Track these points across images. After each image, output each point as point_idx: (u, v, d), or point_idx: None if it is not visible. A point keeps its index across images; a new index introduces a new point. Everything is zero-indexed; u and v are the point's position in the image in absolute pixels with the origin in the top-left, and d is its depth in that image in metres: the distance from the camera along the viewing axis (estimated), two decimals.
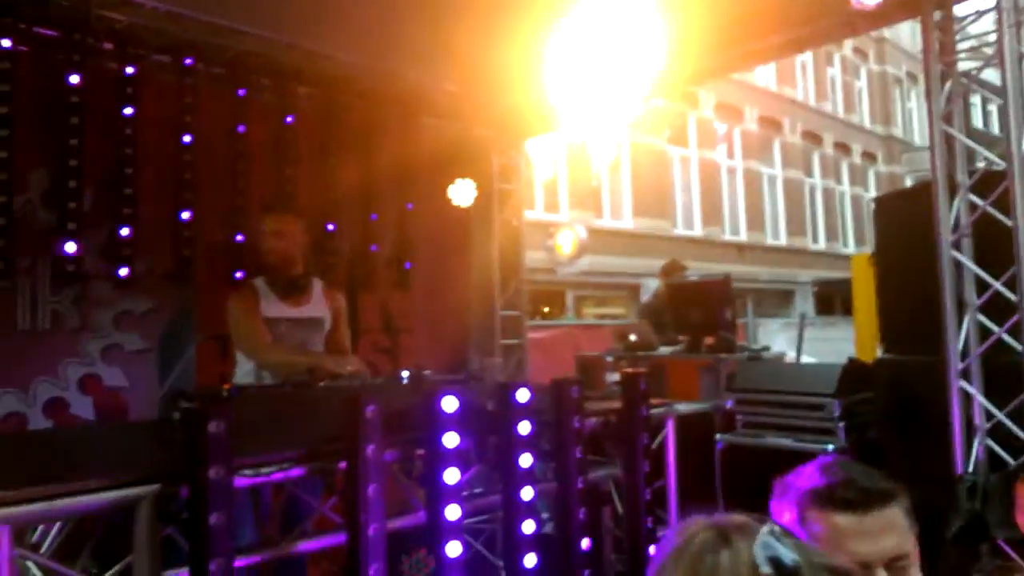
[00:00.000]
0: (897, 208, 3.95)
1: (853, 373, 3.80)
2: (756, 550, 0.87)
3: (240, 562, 1.76)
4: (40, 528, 1.85)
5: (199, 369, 3.94)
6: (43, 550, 1.76)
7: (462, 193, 5.00)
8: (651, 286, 14.34)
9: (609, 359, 4.74)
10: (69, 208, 3.38)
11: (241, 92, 3.99)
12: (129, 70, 3.55)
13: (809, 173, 19.28)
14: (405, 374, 3.07)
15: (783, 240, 18.06)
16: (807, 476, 1.22)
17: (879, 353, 3.96)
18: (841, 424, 3.63)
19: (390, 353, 4.89)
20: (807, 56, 18.57)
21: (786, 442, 3.73)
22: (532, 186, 12.42)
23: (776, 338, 9.87)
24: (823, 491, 1.18)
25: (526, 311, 5.70)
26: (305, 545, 2.04)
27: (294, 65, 4.22)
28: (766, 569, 0.85)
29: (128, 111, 3.53)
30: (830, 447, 3.53)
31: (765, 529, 0.90)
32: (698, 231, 15.84)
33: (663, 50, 3.20)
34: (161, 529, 1.70)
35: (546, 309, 13.58)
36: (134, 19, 3.59)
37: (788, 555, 0.87)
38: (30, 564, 1.67)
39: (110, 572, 1.72)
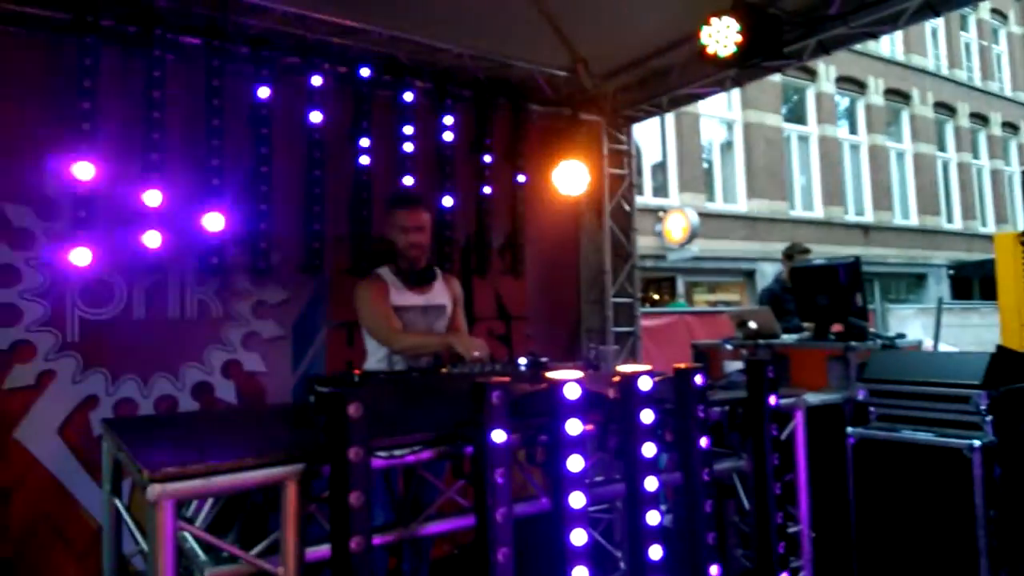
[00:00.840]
0: None
1: (1003, 362, 3.50)
2: None
3: (376, 540, 1.84)
4: (193, 504, 2.01)
5: (328, 355, 4.16)
6: (196, 524, 1.91)
7: (572, 179, 4.98)
8: (767, 271, 13.78)
9: (728, 347, 4.58)
10: (211, 204, 3.63)
11: (363, 88, 4.15)
12: (261, 72, 3.75)
13: (942, 147, 17.82)
14: (523, 361, 3.10)
15: (913, 220, 16.81)
16: None
17: None
18: (989, 418, 3.35)
19: (505, 340, 4.97)
20: (938, 21, 17.13)
21: (926, 437, 3.49)
22: (640, 170, 12.19)
23: (908, 325, 9.22)
24: None
25: (639, 298, 5.61)
26: (434, 527, 2.10)
27: (410, 59, 4.34)
28: None
29: (263, 112, 3.74)
30: (976, 442, 3.27)
31: None
32: (819, 212, 15.02)
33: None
34: (304, 507, 1.81)
35: (656, 296, 13.33)
36: (266, 23, 3.80)
37: None
38: (187, 536, 1.82)
39: (258, 547, 1.84)
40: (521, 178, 4.89)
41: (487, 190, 4.72)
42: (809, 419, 3.01)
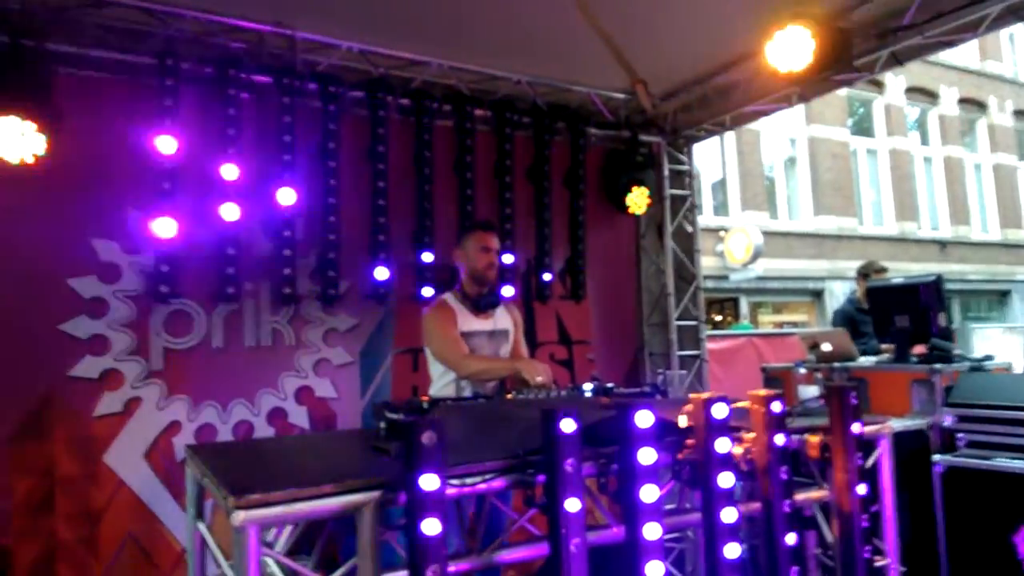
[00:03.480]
0: None
1: None
2: None
3: (450, 568, 1.83)
4: (273, 529, 2.05)
5: (394, 380, 4.23)
6: (277, 548, 1.94)
7: (633, 201, 4.95)
8: (836, 290, 13.32)
9: (802, 371, 4.42)
10: (285, 236, 3.77)
11: (425, 119, 4.23)
12: (331, 107, 3.88)
13: (1023, 157, 16.96)
14: (588, 386, 3.07)
15: (994, 234, 15.99)
16: None
17: None
18: None
19: (567, 364, 4.94)
20: (1016, 25, 16.40)
21: (1021, 465, 3.29)
22: (700, 189, 12.01)
23: (994, 345, 8.74)
24: None
25: (704, 320, 5.50)
26: (507, 555, 2.09)
27: (471, 88, 4.42)
28: None
29: (331, 145, 3.86)
30: None
31: None
32: (891, 228, 14.47)
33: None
34: (381, 534, 1.82)
35: (718, 317, 13.03)
36: (332, 60, 3.93)
37: None
38: (269, 560, 1.85)
39: (336, 573, 1.86)
40: (580, 202, 4.88)
41: (547, 215, 4.72)
42: (893, 446, 2.87)
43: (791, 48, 3.45)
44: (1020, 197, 16.63)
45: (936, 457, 3.58)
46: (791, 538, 2.25)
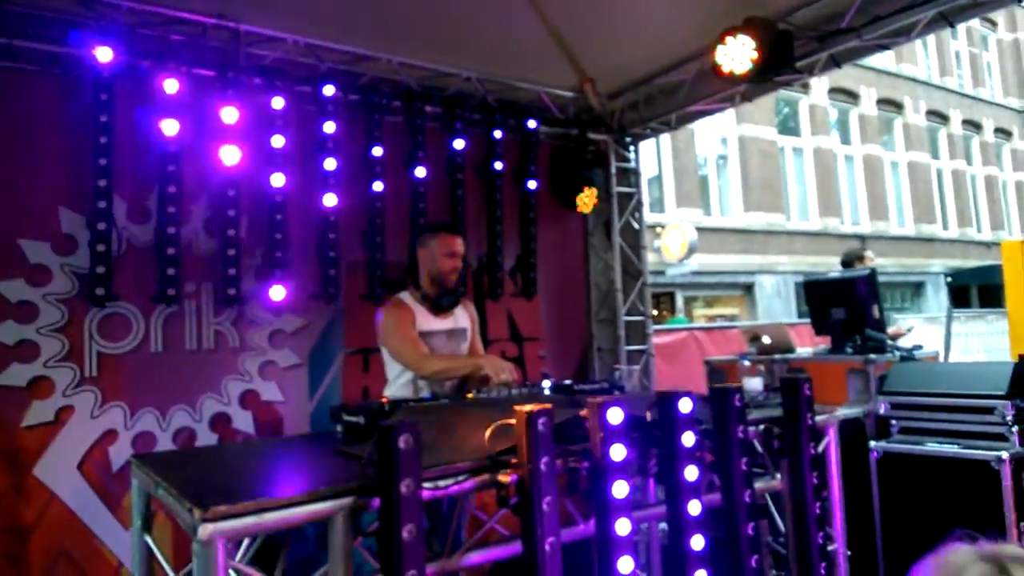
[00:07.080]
0: None
1: None
2: None
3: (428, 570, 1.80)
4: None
5: (344, 381, 4.13)
6: (239, 558, 1.87)
7: (581, 199, 5.00)
8: (766, 284, 13.80)
9: (746, 363, 4.56)
10: (228, 235, 3.62)
11: (375, 115, 4.15)
12: (276, 102, 3.75)
13: (935, 155, 17.97)
14: (546, 384, 3.08)
15: (909, 229, 16.89)
16: None
17: None
18: (1015, 428, 3.34)
19: (518, 361, 4.94)
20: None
21: (951, 449, 3.47)
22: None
23: (915, 335, 9.19)
24: None
25: (650, 316, 5.59)
26: (477, 557, 2.07)
27: (420, 84, 4.35)
28: None
29: (277, 140, 3.73)
30: (1003, 454, 3.25)
31: None
32: (815, 224, 15.09)
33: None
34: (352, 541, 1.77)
35: (655, 312, 13.32)
36: (278, 54, 3.81)
37: None
38: (232, 574, 1.78)
39: None
40: (530, 200, 4.89)
41: (498, 212, 4.71)
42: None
43: (737, 50, 3.54)
44: (933, 193, 17.61)
45: (872, 444, 3.74)
46: (751, 528, 2.31)
